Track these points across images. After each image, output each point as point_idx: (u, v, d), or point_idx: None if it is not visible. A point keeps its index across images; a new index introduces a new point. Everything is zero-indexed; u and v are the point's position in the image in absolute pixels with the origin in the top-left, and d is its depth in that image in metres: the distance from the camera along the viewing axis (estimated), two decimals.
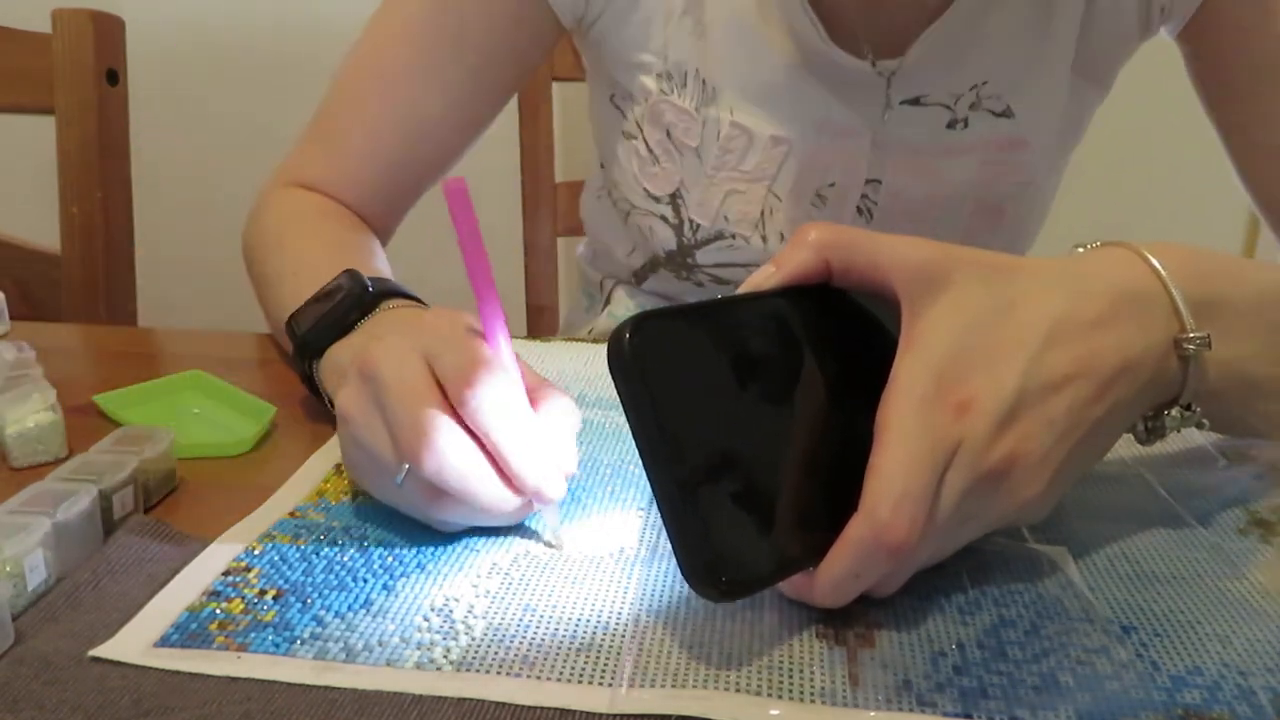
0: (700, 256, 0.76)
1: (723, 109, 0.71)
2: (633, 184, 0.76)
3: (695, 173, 0.73)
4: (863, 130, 0.70)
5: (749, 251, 0.74)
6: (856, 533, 0.34)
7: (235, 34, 1.71)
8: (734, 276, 0.76)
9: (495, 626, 0.36)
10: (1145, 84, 0.74)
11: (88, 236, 0.90)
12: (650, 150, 0.75)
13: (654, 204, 0.76)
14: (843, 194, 0.72)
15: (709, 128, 0.71)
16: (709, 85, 0.71)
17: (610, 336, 0.34)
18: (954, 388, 0.35)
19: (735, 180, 0.72)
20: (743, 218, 0.73)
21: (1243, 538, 0.43)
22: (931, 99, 0.70)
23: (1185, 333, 0.39)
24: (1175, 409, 0.41)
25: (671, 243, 0.76)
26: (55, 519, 0.39)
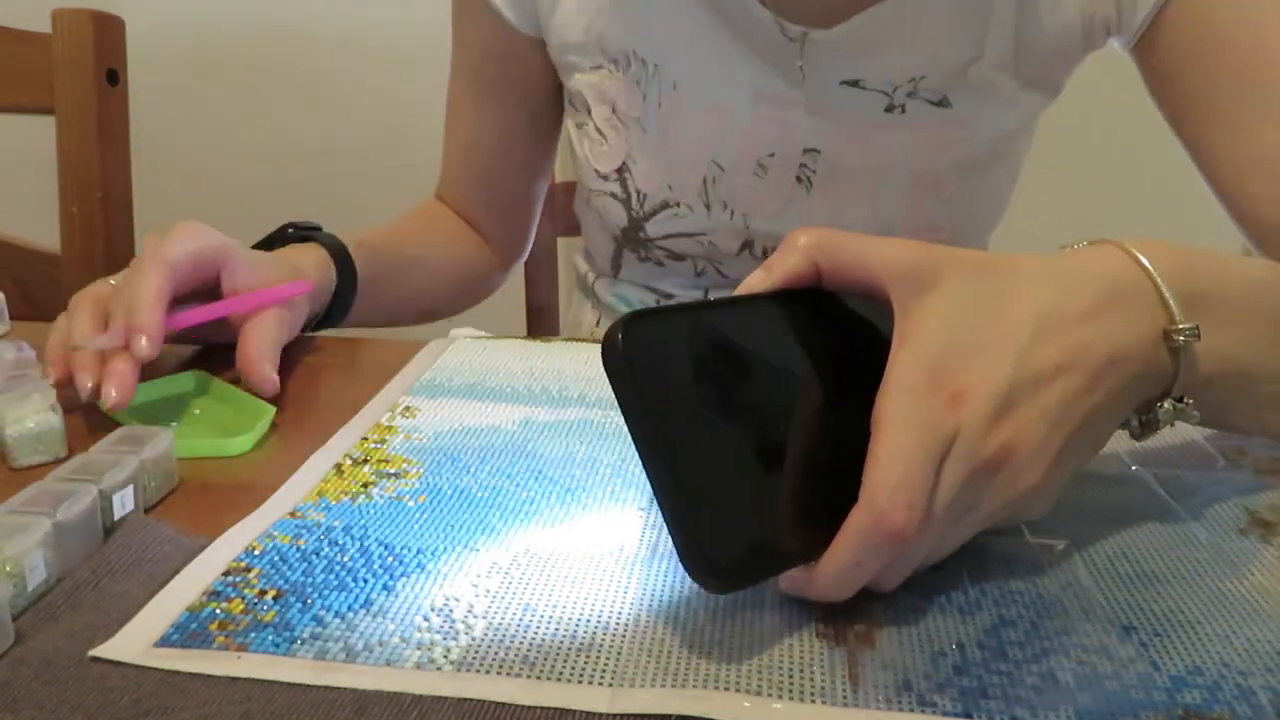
0: (650, 229, 0.79)
1: (665, 82, 0.74)
2: (586, 168, 0.81)
3: (640, 143, 0.77)
4: (798, 100, 0.73)
5: (695, 220, 0.77)
6: (856, 521, 0.34)
7: (235, 34, 1.71)
8: (685, 248, 0.80)
9: (495, 626, 0.36)
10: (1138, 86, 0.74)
11: (88, 236, 0.90)
12: (599, 130, 0.79)
13: (604, 183, 0.79)
14: (782, 163, 0.75)
15: (650, 99, 0.75)
16: (649, 63, 0.74)
17: (604, 336, 0.34)
18: (947, 379, 0.36)
19: (676, 149, 0.76)
20: (686, 186, 0.76)
21: (1243, 537, 0.43)
22: (870, 84, 0.72)
23: (1174, 324, 0.39)
24: (1168, 402, 0.41)
25: (623, 218, 0.80)
26: (55, 519, 0.39)
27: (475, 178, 0.88)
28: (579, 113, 0.81)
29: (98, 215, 0.90)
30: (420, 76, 0.90)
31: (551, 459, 0.50)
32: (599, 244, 0.87)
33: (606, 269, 0.88)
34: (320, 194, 1.48)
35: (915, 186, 0.75)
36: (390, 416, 0.54)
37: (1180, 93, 0.69)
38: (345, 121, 1.69)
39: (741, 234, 0.78)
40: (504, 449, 0.51)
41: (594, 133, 0.79)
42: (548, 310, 1.13)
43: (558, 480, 0.47)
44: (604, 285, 0.89)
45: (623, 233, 0.81)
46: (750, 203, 0.76)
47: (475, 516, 0.44)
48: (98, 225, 0.90)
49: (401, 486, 0.47)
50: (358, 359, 0.66)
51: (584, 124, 0.80)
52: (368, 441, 0.51)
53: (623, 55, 0.75)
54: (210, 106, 1.72)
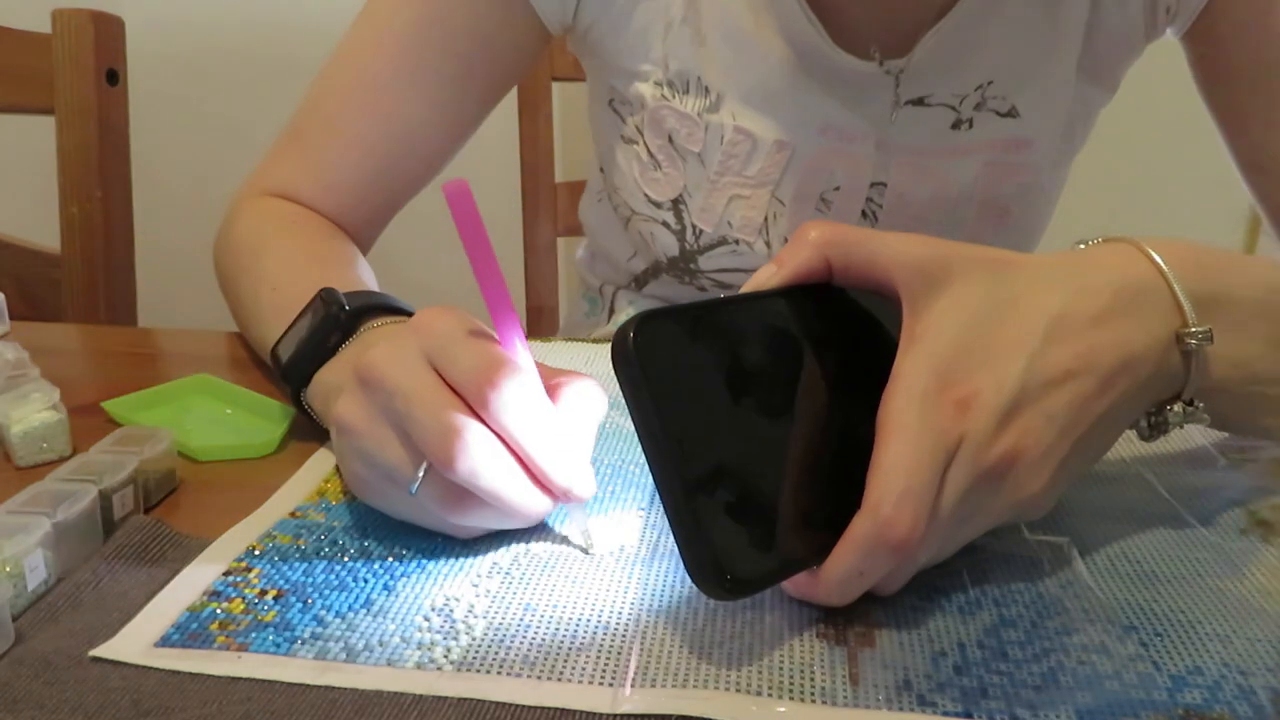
0: (703, 262, 0.76)
1: (725, 115, 0.70)
2: (633, 190, 0.76)
3: (698, 178, 0.72)
4: (867, 133, 0.70)
5: (753, 257, 0.74)
6: (860, 529, 0.34)
7: (235, 34, 1.71)
8: (737, 281, 0.76)
9: (496, 626, 0.36)
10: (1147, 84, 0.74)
11: (88, 236, 0.90)
12: (651, 155, 0.74)
13: (655, 210, 0.75)
14: (847, 197, 0.72)
15: (712, 133, 0.71)
16: (712, 91, 0.70)
17: (614, 335, 0.34)
18: (955, 384, 0.35)
19: (739, 185, 0.72)
20: (746, 223, 0.73)
21: (1243, 538, 0.43)
22: (936, 99, 0.69)
23: (1187, 327, 0.39)
24: (1178, 404, 0.41)
25: (674, 249, 0.76)
26: (55, 519, 0.39)
27: (376, 176, 0.71)
28: (627, 126, 0.75)
29: (98, 215, 0.90)
30: None
31: None
32: (624, 261, 0.83)
33: (626, 282, 0.85)
34: None
35: (982, 216, 0.73)
36: None
37: (1227, 80, 0.68)
38: None
39: None
40: None
41: (645, 155, 0.74)
42: (548, 310, 1.14)
43: None
44: (624, 298, 0.86)
45: (670, 261, 0.77)
46: None
47: None
48: (98, 225, 0.90)
49: None
50: None
51: (635, 141, 0.75)
52: None
53: (682, 79, 0.71)
54: (210, 106, 1.72)
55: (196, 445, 0.49)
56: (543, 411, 0.39)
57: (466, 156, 0.76)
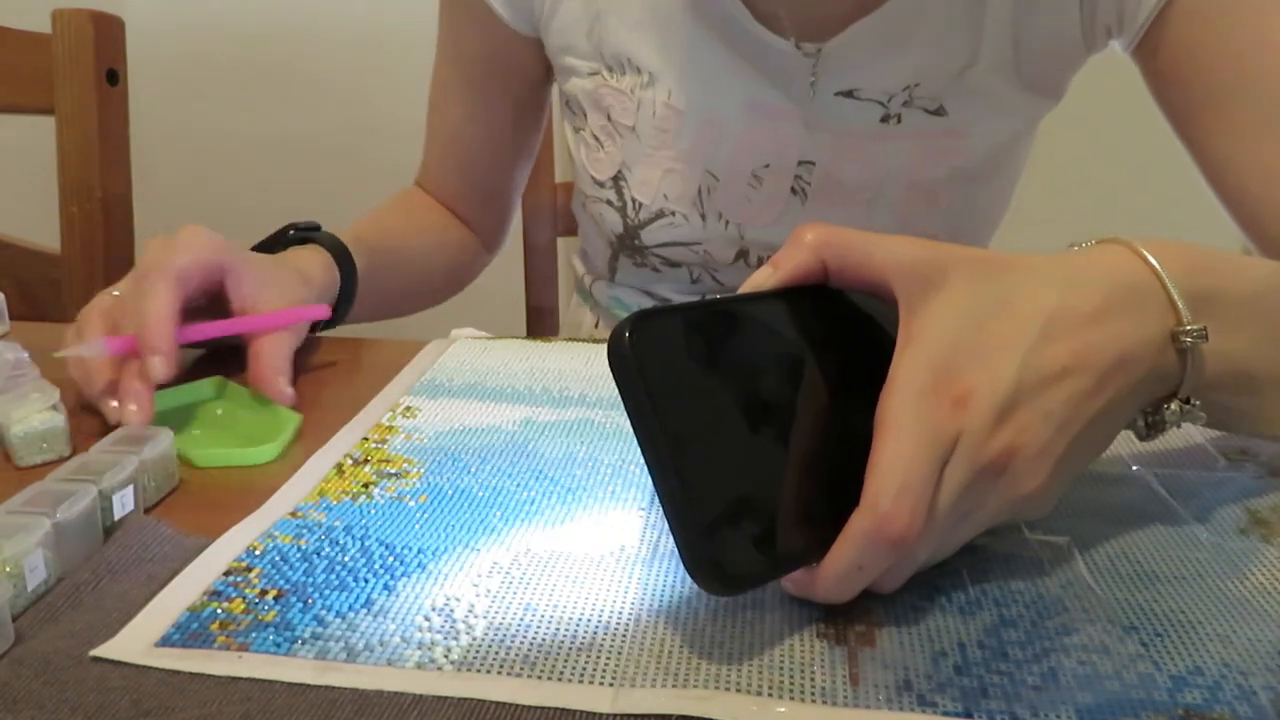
0: (645, 236, 0.79)
1: (659, 91, 0.74)
2: (583, 173, 0.81)
3: (635, 152, 0.76)
4: (793, 112, 0.73)
5: (690, 229, 0.77)
6: (859, 525, 0.34)
7: (235, 34, 1.71)
8: (680, 256, 0.79)
9: (496, 626, 0.36)
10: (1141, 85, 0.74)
11: (88, 236, 0.90)
12: (595, 137, 0.79)
13: (599, 189, 0.79)
14: (777, 174, 0.75)
15: (644, 108, 0.75)
16: (644, 70, 0.74)
17: (610, 334, 0.34)
18: (951, 382, 0.36)
19: (672, 159, 0.75)
20: (681, 196, 0.76)
21: (1243, 537, 0.43)
22: (865, 94, 0.72)
23: (1182, 325, 0.39)
24: (1175, 403, 0.41)
25: (619, 225, 0.79)
26: (55, 519, 0.39)
27: (458, 168, 0.89)
28: (576, 116, 0.81)
29: (98, 215, 0.90)
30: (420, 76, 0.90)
31: (552, 459, 0.50)
32: (596, 247, 0.87)
33: (603, 272, 0.88)
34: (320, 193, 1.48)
35: (911, 198, 0.74)
36: (391, 416, 0.54)
37: (1181, 96, 0.68)
38: (345, 121, 1.69)
39: (736, 243, 0.78)
40: (505, 449, 0.51)
41: (590, 139, 0.79)
42: (548, 310, 1.13)
43: (559, 480, 0.47)
44: (601, 288, 0.89)
45: (618, 239, 0.81)
46: (745, 213, 0.76)
47: (476, 516, 0.44)
48: (98, 225, 0.90)
49: (402, 486, 0.47)
50: (358, 359, 0.66)
51: (581, 128, 0.80)
52: (368, 441, 0.51)
53: (618, 62, 0.75)
54: (210, 106, 1.72)
55: (195, 453, 0.49)
56: None
57: None
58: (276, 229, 0.70)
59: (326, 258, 0.68)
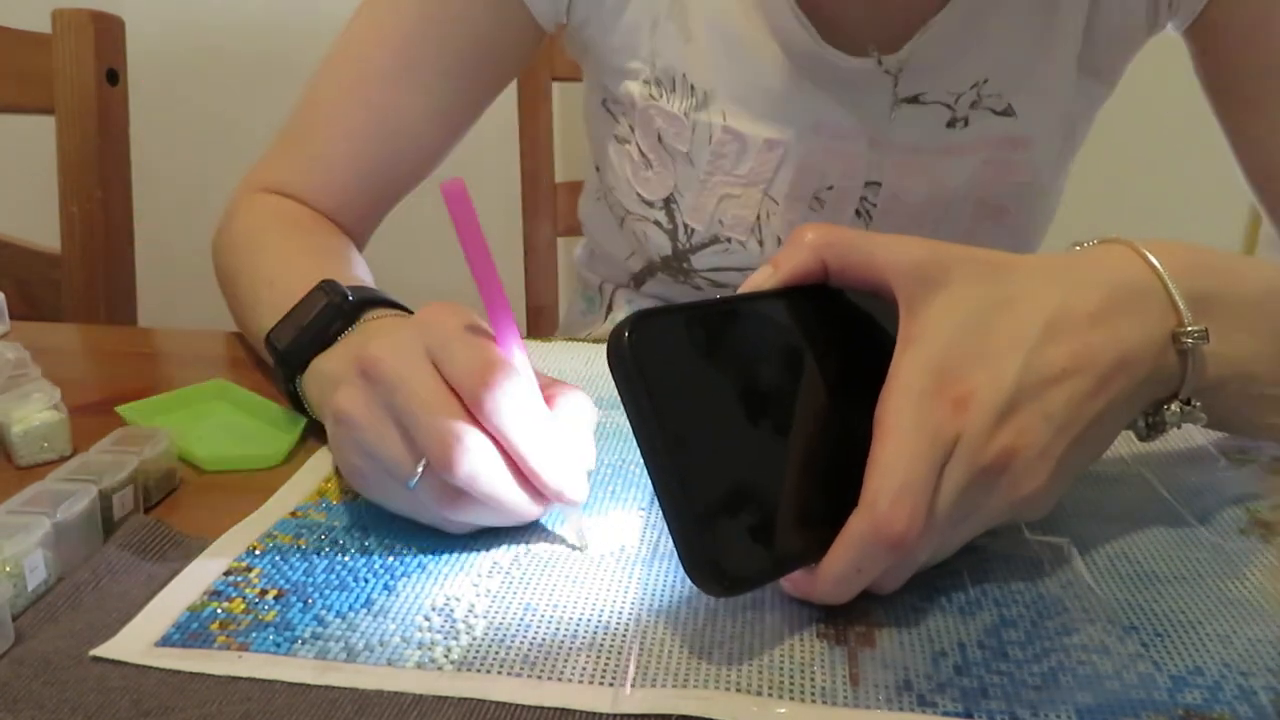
0: (696, 261, 0.76)
1: (714, 114, 0.70)
2: (626, 189, 0.76)
3: (688, 177, 0.72)
4: (860, 132, 0.69)
5: (745, 256, 0.74)
6: (857, 526, 0.34)
7: (235, 34, 1.71)
8: (731, 280, 0.76)
9: (496, 626, 0.36)
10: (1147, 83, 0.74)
11: (88, 236, 0.90)
12: (643, 155, 0.74)
13: (648, 209, 0.75)
14: (841, 197, 0.72)
15: (700, 132, 0.70)
16: (698, 90, 0.70)
17: (610, 334, 0.34)
18: (952, 383, 0.36)
19: (729, 185, 0.72)
20: (738, 222, 0.73)
21: (1244, 538, 0.43)
22: (930, 97, 0.69)
23: (1183, 327, 0.39)
24: (1175, 404, 0.41)
25: (667, 248, 0.76)
26: (55, 519, 0.39)
27: (375, 170, 0.71)
28: (619, 125, 0.75)
29: (98, 215, 0.90)
30: None
31: None
32: (623, 260, 0.82)
33: (625, 281, 0.85)
34: None
35: (978, 216, 0.73)
36: None
37: (1229, 76, 0.68)
38: None
39: None
40: None
41: (637, 154, 0.74)
42: (548, 310, 1.14)
43: None
44: (624, 297, 0.86)
45: (663, 260, 0.77)
46: None
47: None
48: (98, 225, 0.90)
49: None
50: None
51: (627, 141, 0.75)
52: None
53: (669, 78, 0.70)
54: (211, 106, 1.72)
55: (203, 455, 0.49)
56: (537, 415, 0.39)
57: (466, 156, 0.76)
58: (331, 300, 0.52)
59: None
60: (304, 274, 0.53)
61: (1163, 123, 0.74)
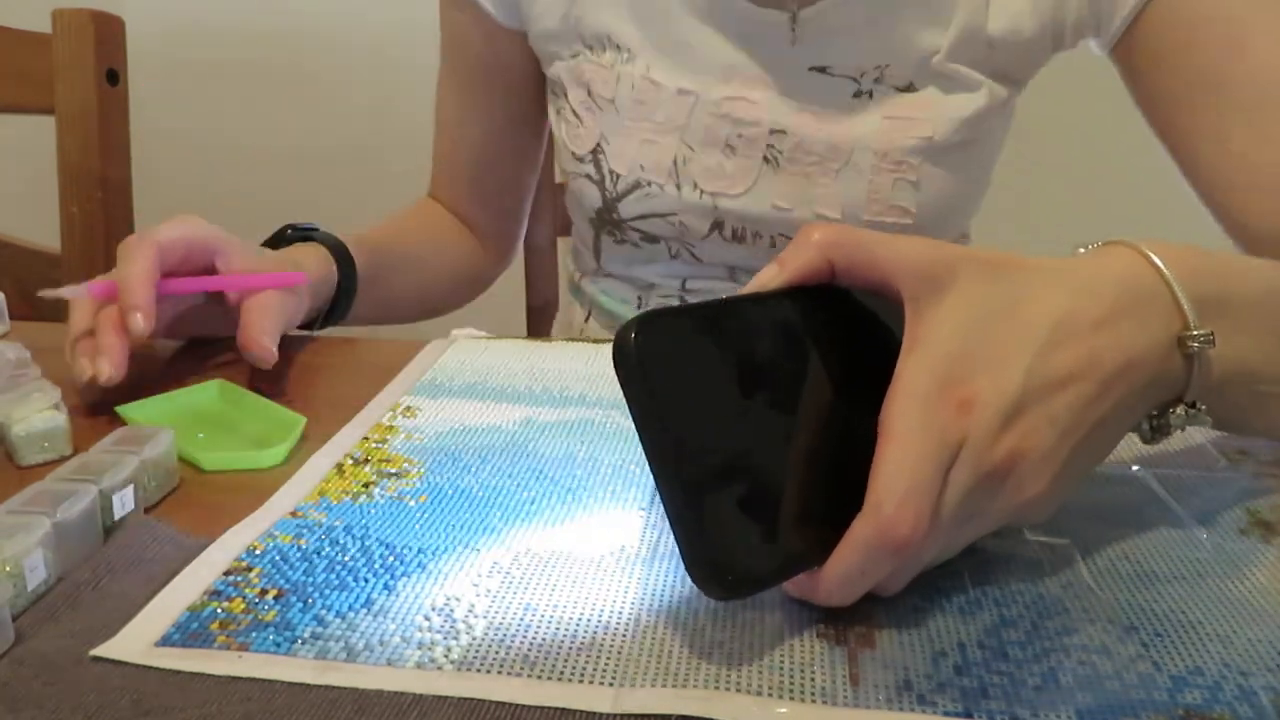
0: (623, 209, 0.80)
1: (638, 66, 0.76)
2: (563, 151, 0.82)
3: (613, 125, 0.78)
4: (768, 81, 0.74)
5: (665, 200, 0.78)
6: (861, 530, 0.34)
7: (235, 34, 1.71)
8: (658, 229, 0.80)
9: (496, 626, 0.36)
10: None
11: (88, 236, 0.90)
12: (575, 113, 0.80)
13: (579, 165, 0.81)
14: (750, 143, 0.76)
15: (623, 82, 0.77)
16: (623, 48, 0.76)
17: (615, 336, 0.34)
18: (957, 386, 0.35)
19: (648, 130, 0.77)
20: (657, 166, 0.77)
21: (1244, 538, 0.43)
22: (837, 70, 0.73)
23: (1189, 330, 0.39)
24: (1180, 407, 0.41)
25: (597, 199, 0.81)
26: (55, 519, 0.39)
27: (464, 172, 0.90)
28: (558, 98, 0.82)
29: (98, 215, 0.90)
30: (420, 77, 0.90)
31: (552, 459, 0.50)
32: (582, 232, 0.88)
33: (590, 261, 0.88)
34: (321, 194, 1.48)
35: (881, 168, 0.75)
36: (391, 416, 0.54)
37: (1158, 96, 0.69)
38: (346, 122, 1.69)
39: (710, 214, 0.78)
40: (505, 449, 0.51)
41: (570, 115, 0.80)
42: (548, 310, 1.13)
43: (559, 480, 0.47)
44: (589, 282, 0.90)
45: (597, 214, 0.82)
46: (718, 182, 0.77)
47: (476, 516, 0.44)
48: (98, 225, 0.90)
49: (403, 486, 0.47)
50: (358, 359, 0.66)
51: (561, 109, 0.82)
52: (369, 441, 0.51)
53: (598, 40, 0.77)
54: (210, 106, 1.72)
55: (202, 455, 0.49)
56: None
57: None
58: (275, 230, 0.71)
59: (323, 252, 0.70)
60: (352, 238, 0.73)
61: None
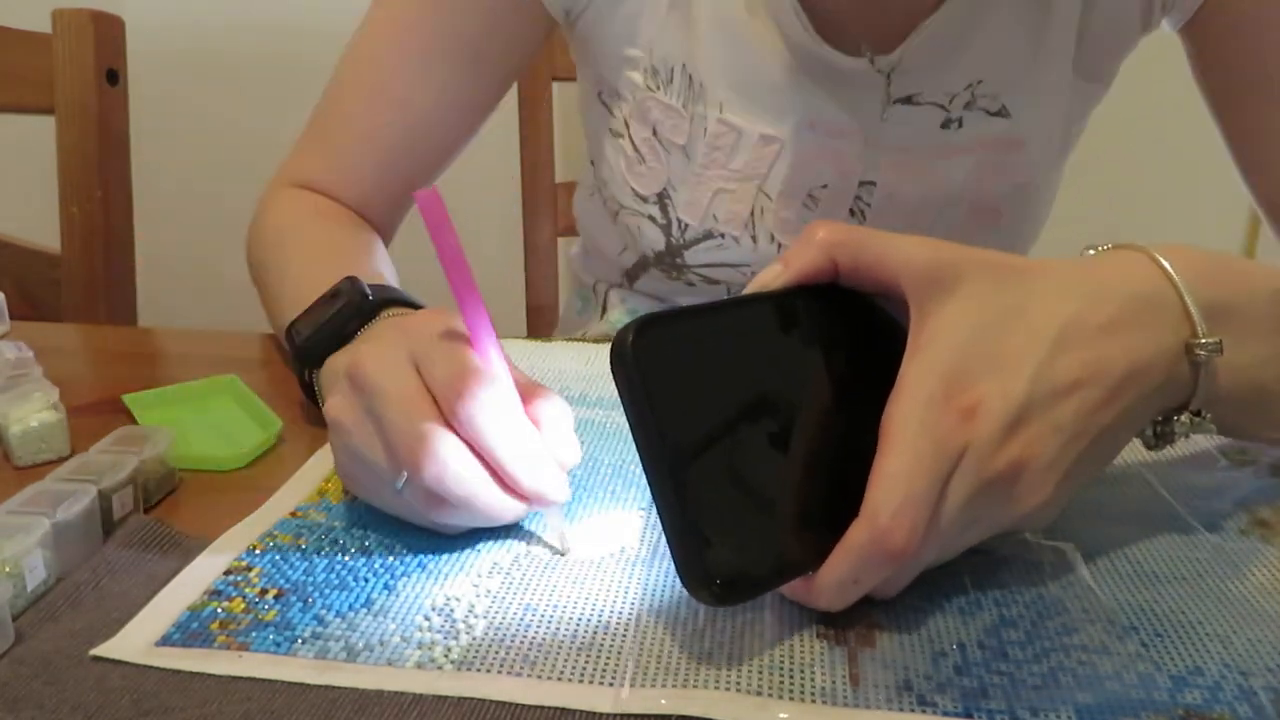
0: (689, 256, 0.75)
1: (711, 106, 0.70)
2: (620, 183, 0.76)
3: (683, 171, 0.72)
4: (856, 130, 0.69)
5: (739, 251, 0.74)
6: (857, 538, 0.34)
7: (235, 34, 1.71)
8: (724, 277, 0.76)
9: (496, 626, 0.36)
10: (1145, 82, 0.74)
11: (88, 236, 0.90)
12: (636, 149, 0.74)
13: (641, 204, 0.75)
14: (835, 195, 0.72)
15: (696, 125, 0.71)
16: (696, 81, 0.70)
17: (614, 338, 0.34)
18: (961, 392, 0.35)
19: (724, 179, 0.72)
20: (732, 217, 0.72)
21: (1244, 538, 0.43)
22: (925, 98, 0.69)
23: (1197, 338, 0.39)
24: (1185, 414, 0.41)
25: (660, 243, 0.76)
26: (55, 519, 0.39)
27: (393, 163, 0.73)
28: (615, 118, 0.75)
29: (98, 215, 0.90)
30: None
31: None
32: (615, 256, 0.83)
33: (618, 279, 0.84)
34: None
35: (972, 216, 0.73)
36: None
37: (1223, 74, 0.68)
38: None
39: None
40: None
41: (631, 149, 0.74)
42: (548, 310, 1.13)
43: None
44: (617, 296, 0.85)
45: (656, 256, 0.77)
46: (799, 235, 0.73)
47: None
48: (98, 225, 0.90)
49: None
50: None
51: (620, 134, 0.75)
52: None
53: (666, 67, 0.71)
54: (211, 106, 1.72)
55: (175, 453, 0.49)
56: (513, 418, 0.39)
57: (467, 156, 0.76)
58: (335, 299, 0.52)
59: None
60: (328, 269, 0.54)
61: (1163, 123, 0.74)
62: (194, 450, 0.50)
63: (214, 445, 0.52)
